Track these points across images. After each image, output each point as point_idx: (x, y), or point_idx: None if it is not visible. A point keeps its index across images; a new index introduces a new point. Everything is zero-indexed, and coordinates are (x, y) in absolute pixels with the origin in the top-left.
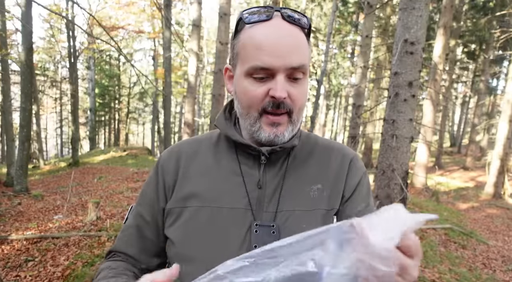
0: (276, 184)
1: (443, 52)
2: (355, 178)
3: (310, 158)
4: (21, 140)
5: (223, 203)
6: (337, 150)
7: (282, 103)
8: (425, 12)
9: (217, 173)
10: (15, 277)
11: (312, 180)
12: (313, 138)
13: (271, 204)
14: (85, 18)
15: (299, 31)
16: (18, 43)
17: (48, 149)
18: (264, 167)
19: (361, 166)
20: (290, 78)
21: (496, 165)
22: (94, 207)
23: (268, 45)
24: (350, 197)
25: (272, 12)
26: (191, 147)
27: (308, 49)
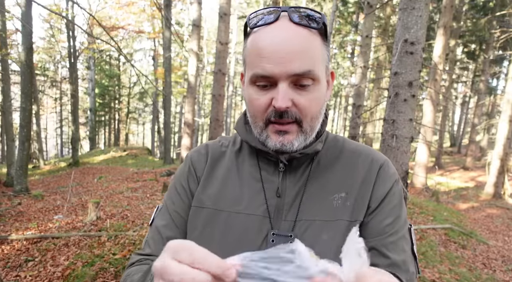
0: (297, 192)
1: (443, 52)
2: (384, 186)
3: (335, 164)
4: (21, 140)
5: (241, 208)
6: (366, 155)
7: (285, 112)
8: (425, 12)
9: (237, 177)
10: (15, 277)
11: (336, 187)
12: (340, 142)
13: (290, 212)
14: (85, 18)
15: (309, 33)
16: (18, 43)
17: (48, 149)
18: (284, 174)
19: (392, 173)
20: (297, 85)
21: (496, 165)
22: (94, 207)
23: (268, 52)
24: (376, 208)
25: (278, 13)
26: (218, 149)
27: (321, 52)
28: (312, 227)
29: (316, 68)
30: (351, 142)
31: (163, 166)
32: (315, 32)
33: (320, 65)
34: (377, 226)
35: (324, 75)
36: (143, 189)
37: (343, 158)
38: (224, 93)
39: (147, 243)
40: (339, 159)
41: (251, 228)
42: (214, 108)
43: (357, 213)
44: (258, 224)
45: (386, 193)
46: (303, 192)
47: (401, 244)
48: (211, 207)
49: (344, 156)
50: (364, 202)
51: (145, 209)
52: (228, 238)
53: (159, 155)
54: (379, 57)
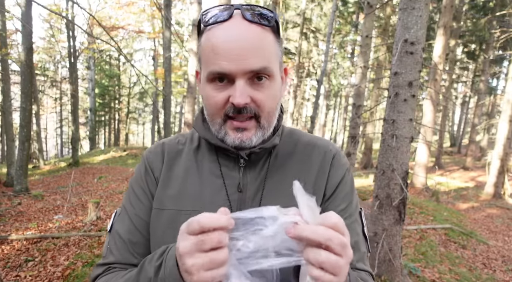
0: (258, 186)
1: (443, 52)
2: (337, 175)
3: (292, 156)
4: (21, 140)
5: (203, 206)
6: (320, 146)
7: (244, 108)
8: (425, 12)
9: (197, 175)
10: (15, 277)
11: (295, 178)
12: (296, 135)
13: (252, 206)
14: (85, 18)
15: (262, 30)
16: (18, 43)
17: (48, 149)
18: (244, 169)
19: (344, 162)
20: (254, 81)
21: (496, 165)
22: (94, 207)
23: (223, 49)
24: (331, 195)
25: (231, 11)
26: (174, 147)
27: (274, 49)
28: None
29: (271, 65)
30: (306, 134)
31: None
32: (268, 29)
33: (274, 61)
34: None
35: (278, 71)
36: None
37: (299, 150)
38: None
39: (109, 251)
40: (295, 151)
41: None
42: None
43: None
44: None
45: (339, 181)
46: (263, 185)
47: (353, 227)
48: (172, 208)
49: (300, 148)
50: (320, 190)
51: None
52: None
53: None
54: (379, 57)
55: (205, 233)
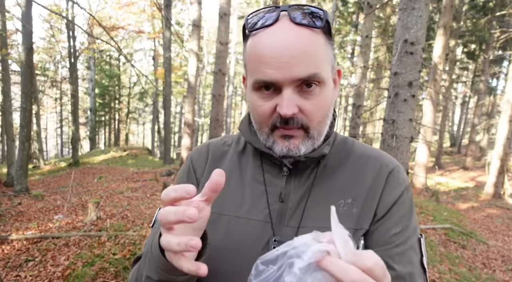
0: (301, 196)
1: (443, 52)
2: (393, 193)
3: (342, 167)
4: (21, 140)
5: (242, 212)
6: (375, 159)
7: (291, 119)
8: (425, 12)
9: (240, 179)
10: (15, 277)
11: (342, 193)
12: (349, 145)
13: (293, 218)
14: (85, 18)
15: (311, 33)
16: (18, 43)
17: (48, 149)
18: (288, 178)
19: (403, 180)
20: (302, 89)
21: (496, 165)
22: (94, 207)
23: (269, 57)
24: (383, 216)
25: (278, 14)
26: (219, 148)
27: (325, 52)
28: None
29: (321, 70)
30: (361, 144)
31: (163, 166)
32: (318, 31)
33: (325, 65)
34: (384, 235)
35: (330, 75)
36: (143, 189)
37: (351, 161)
38: (224, 93)
39: (146, 245)
40: (346, 162)
41: (252, 233)
42: (214, 108)
43: (362, 220)
44: (259, 230)
45: (395, 200)
46: (307, 197)
47: (408, 256)
48: (212, 211)
49: (352, 160)
50: (370, 209)
51: (145, 209)
52: (228, 244)
53: (159, 155)
54: (379, 57)
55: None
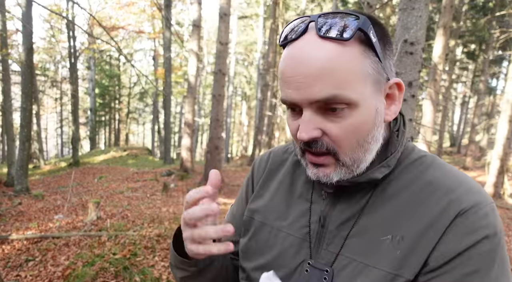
0: (345, 221)
1: (443, 52)
2: (460, 241)
3: (402, 195)
4: (21, 140)
5: (283, 225)
6: (446, 191)
7: (313, 142)
8: (425, 12)
9: (289, 192)
10: (15, 277)
11: (392, 226)
12: (423, 166)
13: (334, 242)
14: (85, 18)
15: (337, 47)
16: (18, 43)
17: (48, 149)
18: (334, 199)
19: (481, 225)
20: (327, 110)
21: (495, 165)
22: (95, 207)
23: (288, 76)
24: (438, 268)
25: (305, 25)
26: (279, 157)
27: (356, 67)
28: (350, 267)
29: (347, 90)
30: (441, 167)
31: (163, 166)
32: (349, 43)
33: (357, 83)
34: None
35: (368, 93)
36: (143, 189)
37: (413, 189)
38: (224, 93)
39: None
40: (408, 189)
41: (288, 250)
42: (214, 108)
43: (406, 267)
44: (296, 247)
45: (461, 251)
46: (354, 223)
47: None
48: (258, 219)
49: (416, 187)
50: (420, 255)
51: (145, 209)
52: (265, 254)
53: (159, 155)
54: None
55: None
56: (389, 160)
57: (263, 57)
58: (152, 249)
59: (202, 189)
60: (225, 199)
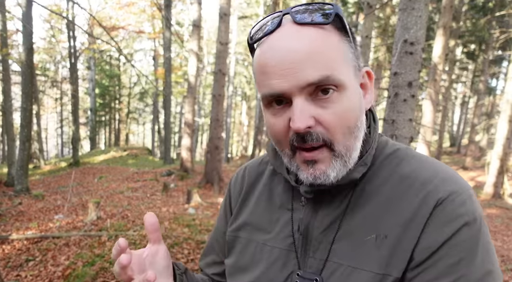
0: (328, 225)
1: (443, 53)
2: (441, 231)
3: (380, 192)
4: (21, 140)
5: (268, 238)
6: (423, 182)
7: (308, 134)
8: (425, 12)
9: (269, 204)
10: (15, 277)
11: (374, 226)
12: (398, 159)
13: (320, 249)
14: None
15: (319, 31)
16: (18, 43)
17: (48, 149)
18: (315, 205)
19: (462, 212)
20: (317, 97)
21: (495, 165)
22: (95, 207)
23: (271, 65)
24: (423, 261)
25: (280, 18)
26: (255, 170)
27: (340, 51)
28: (338, 272)
29: (337, 71)
30: (416, 159)
31: (163, 166)
32: (328, 28)
33: (343, 66)
34: None
35: (352, 77)
36: (143, 189)
37: (391, 185)
38: (224, 93)
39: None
40: (385, 186)
41: (275, 263)
42: (214, 108)
43: (391, 265)
44: (283, 260)
45: (443, 241)
46: (338, 226)
47: None
48: (244, 236)
49: (393, 182)
50: (405, 251)
51: (145, 209)
52: (253, 271)
53: (159, 155)
54: (378, 58)
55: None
56: (365, 157)
57: None
58: None
59: (115, 250)
60: None
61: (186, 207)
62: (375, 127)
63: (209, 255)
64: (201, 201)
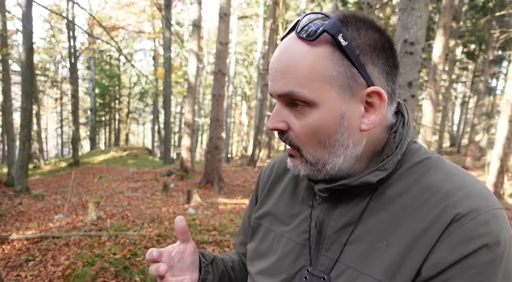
0: (343, 226)
1: (443, 52)
2: (454, 250)
3: (399, 199)
4: (21, 140)
5: (286, 230)
6: (443, 195)
7: (281, 134)
8: (425, 12)
9: (292, 197)
10: (15, 277)
11: (389, 232)
12: (424, 168)
13: (332, 248)
14: (85, 19)
15: (305, 46)
16: (18, 43)
17: (48, 149)
18: (332, 204)
19: (479, 233)
20: (292, 106)
21: (495, 165)
22: (95, 206)
23: (270, 67)
24: (431, 279)
25: (295, 23)
26: (285, 164)
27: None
28: (345, 274)
29: (306, 89)
30: (442, 171)
31: (163, 165)
32: (319, 44)
33: (317, 84)
34: None
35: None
36: (143, 189)
37: (411, 194)
38: (224, 93)
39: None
40: (405, 194)
41: (289, 255)
42: (214, 108)
43: (398, 276)
44: (296, 253)
45: (455, 261)
46: (353, 228)
47: None
48: (266, 225)
49: (414, 192)
50: (412, 264)
51: (145, 209)
52: (268, 259)
53: (159, 155)
54: None
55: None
56: (385, 163)
57: (263, 57)
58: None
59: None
60: (225, 199)
61: (186, 207)
62: (402, 133)
63: (240, 235)
64: (201, 201)
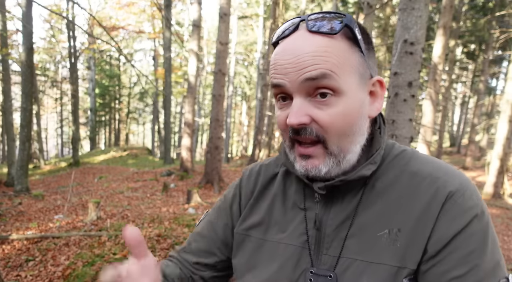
0: (341, 222)
1: (443, 53)
2: (453, 224)
3: (390, 190)
4: (21, 140)
5: (282, 237)
6: (432, 179)
7: (302, 129)
8: (425, 12)
9: (283, 205)
10: (15, 277)
11: (388, 221)
12: (405, 159)
13: (332, 246)
14: (85, 19)
15: (326, 39)
16: (18, 43)
17: (48, 149)
18: (327, 203)
19: (471, 205)
20: (316, 99)
21: (495, 165)
22: (95, 206)
23: (279, 64)
24: (437, 254)
25: (296, 24)
26: (270, 170)
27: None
28: (352, 268)
29: (336, 75)
30: (422, 159)
31: (163, 165)
32: (338, 37)
33: (345, 73)
34: (439, 279)
35: (354, 85)
36: (143, 189)
37: (402, 182)
38: (224, 93)
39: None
40: (396, 183)
41: (289, 260)
42: (214, 108)
43: (408, 257)
44: (296, 257)
45: (455, 233)
46: (350, 223)
47: None
48: (257, 236)
49: (402, 180)
50: (418, 244)
51: (145, 209)
52: (267, 269)
53: (159, 155)
54: (379, 57)
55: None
56: (375, 156)
57: (263, 57)
58: (152, 249)
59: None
60: None
61: (186, 207)
62: (385, 129)
63: (197, 242)
64: (201, 201)
